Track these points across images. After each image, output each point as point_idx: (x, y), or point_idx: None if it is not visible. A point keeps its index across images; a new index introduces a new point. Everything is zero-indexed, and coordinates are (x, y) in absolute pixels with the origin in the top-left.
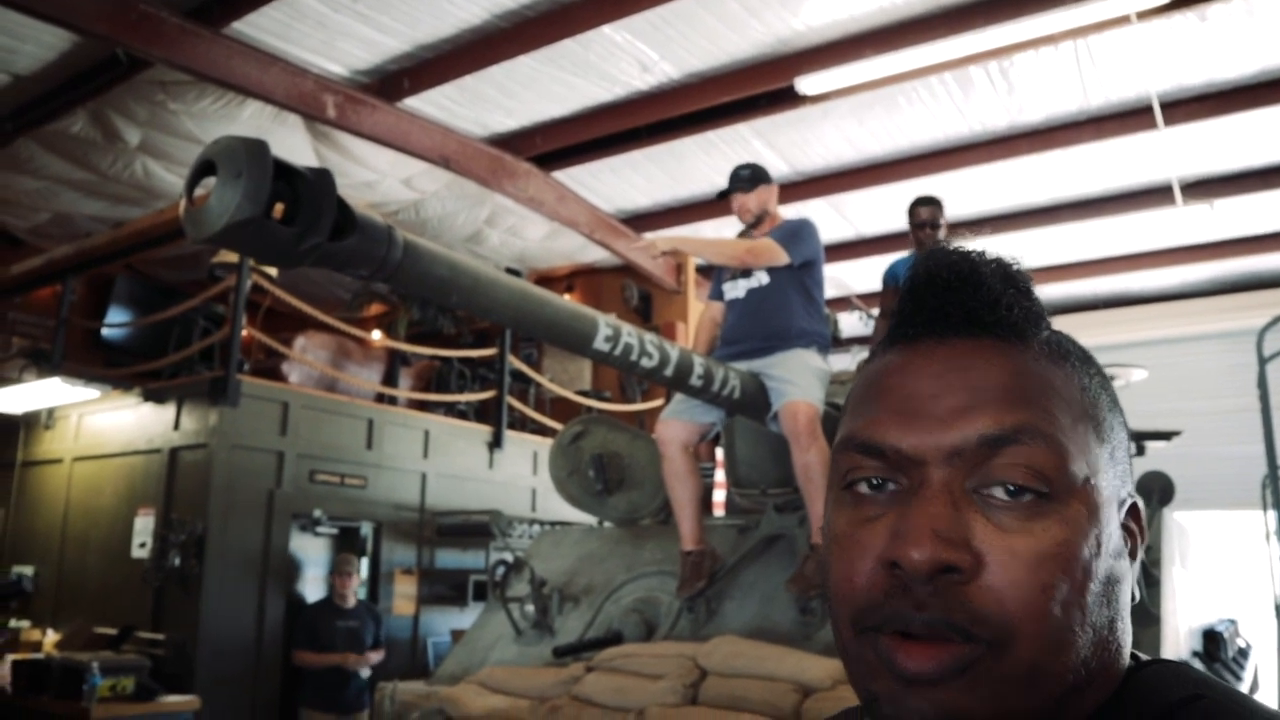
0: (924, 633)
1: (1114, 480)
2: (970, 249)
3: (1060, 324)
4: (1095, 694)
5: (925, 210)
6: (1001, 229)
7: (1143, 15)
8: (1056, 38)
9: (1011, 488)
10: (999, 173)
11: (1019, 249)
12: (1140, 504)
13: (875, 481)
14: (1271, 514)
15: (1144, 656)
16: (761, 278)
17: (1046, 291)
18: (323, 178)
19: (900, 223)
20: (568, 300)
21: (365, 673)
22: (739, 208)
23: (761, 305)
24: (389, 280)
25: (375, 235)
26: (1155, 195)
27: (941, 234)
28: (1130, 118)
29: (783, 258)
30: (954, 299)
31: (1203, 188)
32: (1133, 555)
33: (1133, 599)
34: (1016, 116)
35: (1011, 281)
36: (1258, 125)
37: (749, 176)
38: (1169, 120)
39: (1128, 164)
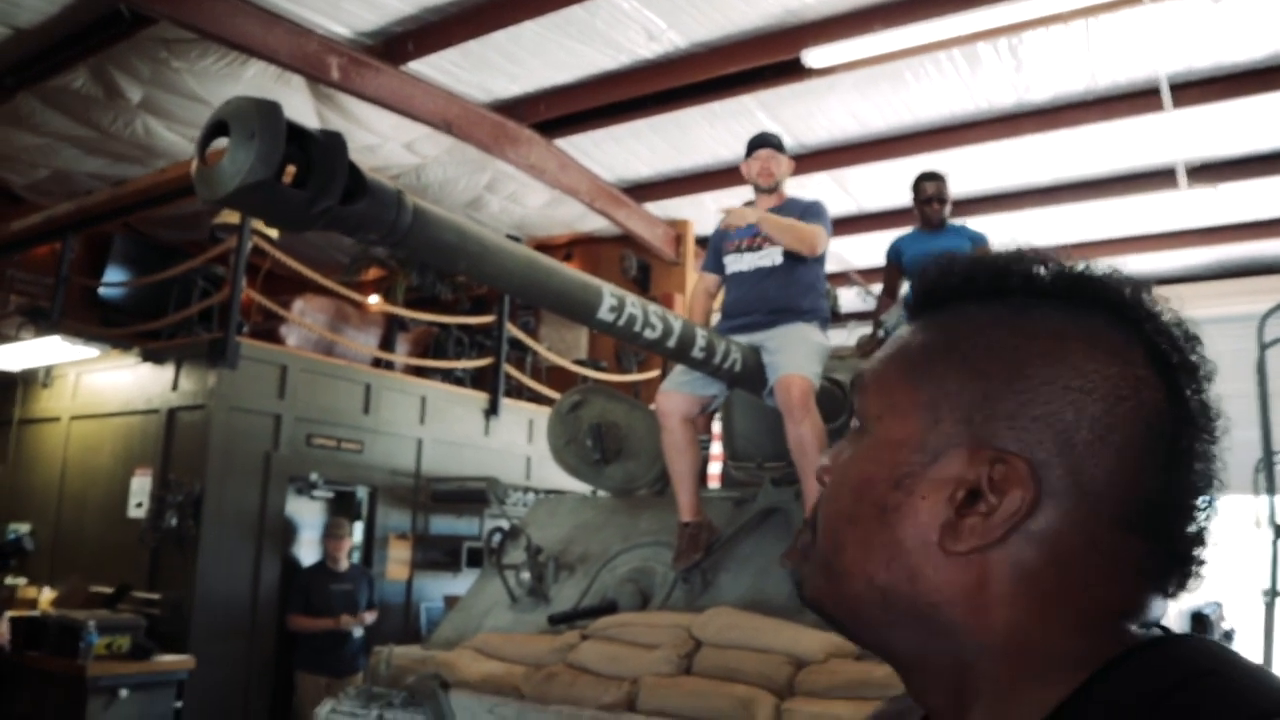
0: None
1: (930, 426)
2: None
3: None
4: (952, 633)
5: (931, 185)
6: (1005, 208)
7: None
8: (1066, 16)
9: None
10: (1004, 151)
11: (1023, 228)
12: (1025, 465)
13: None
14: (1264, 499)
15: (1172, 630)
16: (775, 256)
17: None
18: (334, 141)
19: (903, 199)
20: (573, 269)
21: (358, 632)
22: (762, 168)
23: (769, 282)
24: (397, 246)
25: (385, 200)
26: (1159, 178)
27: (946, 210)
28: (1137, 99)
29: (824, 236)
30: (917, 291)
31: (1208, 171)
32: (1024, 515)
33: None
34: (1023, 95)
35: (965, 272)
36: (1265, 110)
37: (779, 142)
38: (1176, 102)
39: (1133, 145)
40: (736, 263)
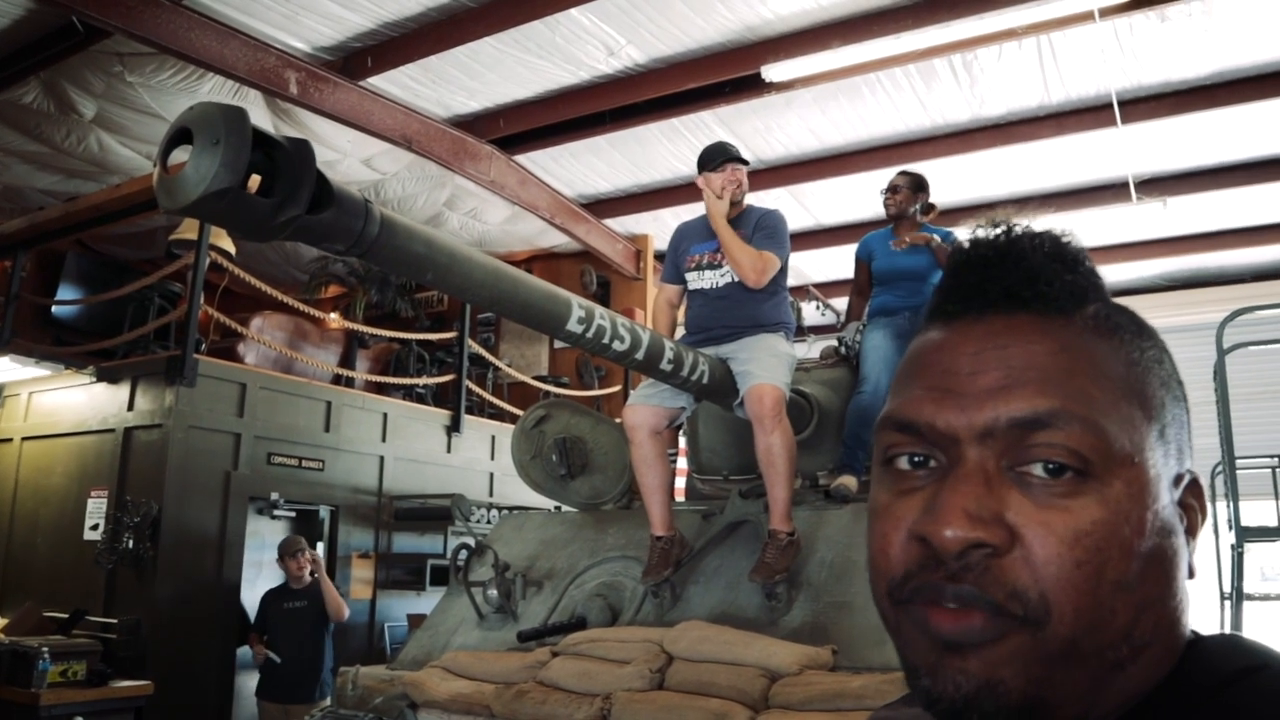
0: (956, 605)
1: (1163, 458)
2: (1015, 224)
3: None
4: (1148, 668)
5: (899, 178)
6: (959, 222)
7: (1105, 13)
8: (1019, 33)
9: (1051, 465)
10: (959, 165)
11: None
12: (1199, 480)
13: (916, 458)
14: (1222, 505)
15: (1201, 631)
16: (735, 273)
17: None
18: (302, 149)
19: (859, 213)
20: (541, 281)
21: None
22: (726, 180)
23: (733, 297)
24: (364, 256)
25: (353, 209)
26: (1111, 191)
27: (913, 208)
28: (1089, 114)
29: (777, 265)
30: (992, 275)
31: (1157, 185)
32: (1191, 531)
33: (1190, 574)
34: (978, 110)
35: (1057, 256)
36: (1211, 125)
37: (739, 155)
38: (1126, 118)
39: (1085, 160)
40: (698, 280)
